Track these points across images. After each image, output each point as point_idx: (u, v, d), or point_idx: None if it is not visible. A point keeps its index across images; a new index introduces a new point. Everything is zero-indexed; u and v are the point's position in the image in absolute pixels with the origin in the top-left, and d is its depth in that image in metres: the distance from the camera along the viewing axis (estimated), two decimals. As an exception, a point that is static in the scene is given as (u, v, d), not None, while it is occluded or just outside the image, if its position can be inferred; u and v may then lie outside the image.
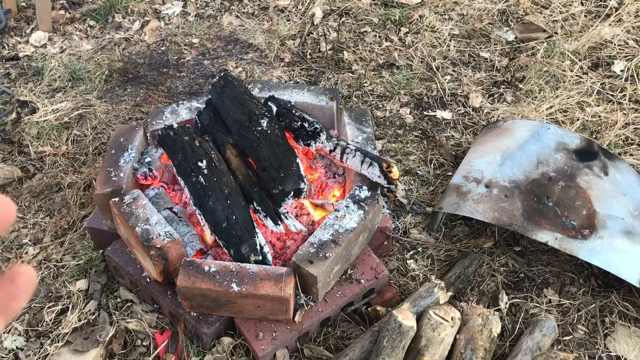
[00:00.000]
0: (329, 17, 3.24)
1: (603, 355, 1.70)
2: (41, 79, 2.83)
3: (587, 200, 1.89)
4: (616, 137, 2.37)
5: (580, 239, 1.77)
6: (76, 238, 2.06)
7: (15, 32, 3.19)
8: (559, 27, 3.02)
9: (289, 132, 1.97)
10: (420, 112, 2.61)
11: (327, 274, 1.63)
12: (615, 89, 2.63)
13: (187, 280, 1.56)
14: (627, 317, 1.79)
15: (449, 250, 2.00)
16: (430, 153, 2.39)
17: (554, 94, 2.61)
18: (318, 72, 2.85)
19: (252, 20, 3.27)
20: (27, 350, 1.74)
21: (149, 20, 3.28)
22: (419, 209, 2.15)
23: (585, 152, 2.06)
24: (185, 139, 1.84)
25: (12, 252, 2.04)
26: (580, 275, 1.92)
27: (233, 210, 1.67)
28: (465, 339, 1.61)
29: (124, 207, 1.72)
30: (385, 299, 1.79)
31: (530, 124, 2.20)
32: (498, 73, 2.82)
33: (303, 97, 2.18)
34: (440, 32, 3.06)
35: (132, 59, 2.99)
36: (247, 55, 2.99)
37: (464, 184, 1.99)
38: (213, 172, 1.74)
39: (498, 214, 1.83)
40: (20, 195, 2.25)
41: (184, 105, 2.16)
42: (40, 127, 2.53)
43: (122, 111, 2.63)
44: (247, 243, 1.63)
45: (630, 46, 2.85)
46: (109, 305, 1.83)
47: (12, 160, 2.41)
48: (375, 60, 2.91)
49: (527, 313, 1.80)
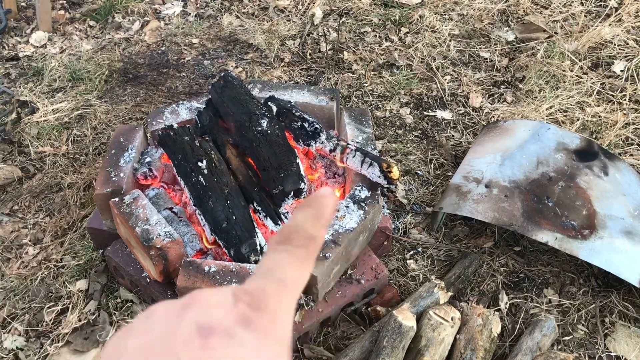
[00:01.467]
0: (329, 17, 3.24)
1: (603, 355, 1.70)
2: (41, 79, 2.83)
3: (587, 200, 1.89)
4: (616, 137, 2.37)
5: (580, 239, 1.77)
6: (76, 238, 2.06)
7: (15, 32, 3.19)
8: (559, 27, 3.02)
9: (289, 132, 1.97)
10: (420, 112, 2.61)
11: (327, 274, 1.63)
12: (615, 89, 2.63)
13: (187, 280, 1.56)
14: (627, 317, 1.79)
15: (449, 250, 2.00)
16: (430, 153, 2.39)
17: (554, 94, 2.61)
18: (318, 72, 2.85)
19: (252, 20, 3.27)
20: (27, 350, 1.74)
21: (149, 20, 3.28)
22: (419, 209, 2.15)
23: (585, 152, 2.06)
24: (185, 139, 1.84)
25: (12, 252, 2.04)
26: (580, 275, 1.92)
27: (233, 210, 1.67)
28: (465, 339, 1.61)
29: (124, 207, 1.72)
30: (385, 299, 1.79)
31: (530, 124, 2.20)
32: (498, 73, 2.82)
33: (303, 97, 2.18)
34: (440, 32, 3.06)
35: (132, 59, 2.99)
36: (247, 55, 2.99)
37: (464, 184, 1.99)
38: (213, 172, 1.74)
39: (498, 214, 1.83)
40: (20, 195, 2.25)
41: (184, 105, 2.16)
42: (40, 127, 2.53)
43: (122, 111, 2.63)
44: (247, 243, 1.63)
45: (630, 46, 2.85)
46: (109, 305, 1.83)
47: (12, 160, 2.41)
48: (375, 60, 2.91)
49: (527, 313, 1.80)
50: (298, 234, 0.42)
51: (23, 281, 1.93)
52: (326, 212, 0.43)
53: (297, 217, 0.43)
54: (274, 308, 0.37)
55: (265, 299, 0.37)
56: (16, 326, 1.80)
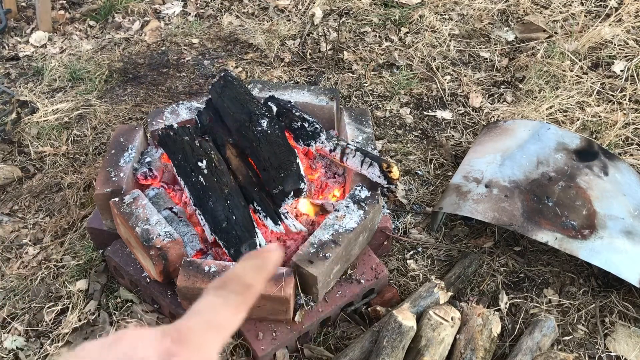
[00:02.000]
0: (329, 17, 3.24)
1: (603, 355, 1.70)
2: (41, 79, 2.83)
3: (587, 200, 1.89)
4: (616, 137, 2.37)
5: (580, 239, 1.77)
6: (76, 238, 2.06)
7: (15, 32, 3.19)
8: (559, 27, 3.02)
9: (289, 132, 1.97)
10: (420, 112, 2.61)
11: (327, 274, 1.63)
12: (615, 89, 2.63)
13: (187, 281, 1.56)
14: (627, 317, 1.79)
15: (449, 250, 2.00)
16: (430, 153, 2.39)
17: (554, 94, 2.61)
18: (318, 72, 2.85)
19: (252, 20, 3.27)
20: (27, 350, 1.74)
21: (149, 20, 3.28)
22: (419, 209, 2.15)
23: (585, 152, 2.06)
24: (185, 139, 1.84)
25: (12, 252, 2.04)
26: (580, 275, 1.92)
27: (233, 210, 1.67)
28: (465, 339, 1.61)
29: (124, 207, 1.72)
30: (385, 299, 1.79)
31: (530, 124, 2.20)
32: (498, 73, 2.82)
33: (303, 97, 2.18)
34: (440, 32, 3.06)
35: (132, 59, 2.99)
36: (247, 55, 2.99)
37: (464, 184, 1.99)
38: (213, 172, 1.74)
39: (498, 214, 1.83)
40: (20, 195, 2.25)
41: (184, 105, 2.16)
42: (40, 127, 2.53)
43: (122, 111, 2.63)
44: (247, 243, 1.63)
45: (630, 46, 2.85)
46: (109, 305, 1.83)
47: (12, 160, 2.41)
48: (375, 60, 2.91)
49: (527, 313, 1.80)
50: (236, 282, 0.45)
51: (23, 281, 1.93)
52: (269, 265, 0.47)
53: (238, 267, 0.47)
54: (198, 343, 0.41)
55: (190, 335, 0.41)
56: (16, 326, 1.80)
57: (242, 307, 0.45)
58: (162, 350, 0.39)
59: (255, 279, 0.46)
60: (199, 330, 0.42)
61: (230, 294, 0.44)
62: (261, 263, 0.47)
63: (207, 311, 0.43)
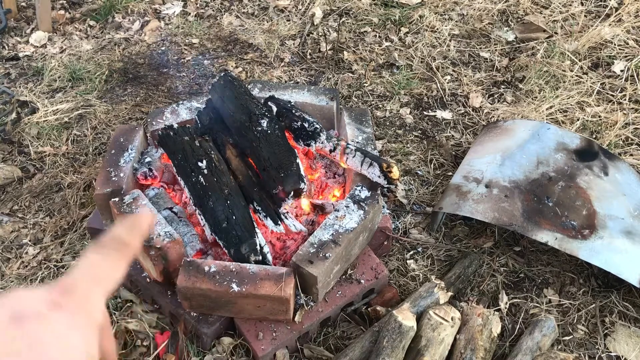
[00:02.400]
0: (329, 17, 3.24)
1: (603, 355, 1.70)
2: (41, 79, 2.83)
3: (587, 200, 1.89)
4: (616, 137, 2.37)
5: (580, 239, 1.77)
6: (76, 238, 2.06)
7: (15, 32, 3.19)
8: (559, 27, 3.02)
9: (289, 132, 1.97)
10: (420, 112, 2.61)
11: (327, 274, 1.63)
12: (615, 89, 2.63)
13: (187, 281, 1.56)
14: (627, 317, 1.79)
15: (449, 250, 2.00)
16: (430, 153, 2.39)
17: (554, 94, 2.61)
18: (318, 72, 2.85)
19: (252, 20, 3.27)
20: (27, 350, 1.74)
21: (149, 20, 3.28)
22: (419, 209, 2.15)
23: (585, 152, 2.06)
24: (185, 139, 1.84)
25: (12, 252, 2.04)
26: (580, 275, 1.92)
27: (233, 210, 1.67)
28: (465, 339, 1.61)
29: (124, 207, 1.72)
30: (385, 299, 1.79)
31: (530, 124, 2.20)
32: (498, 73, 2.82)
33: (303, 97, 2.18)
34: (440, 32, 3.06)
35: (132, 59, 2.99)
36: (247, 55, 2.99)
37: (464, 184, 1.99)
38: (213, 172, 1.74)
39: (498, 214, 1.83)
40: (20, 195, 2.25)
41: (184, 105, 2.16)
42: (40, 127, 2.53)
43: (122, 111, 2.63)
44: (247, 243, 1.63)
45: (630, 46, 2.85)
46: (109, 305, 1.83)
47: (12, 160, 2.41)
48: (375, 60, 2.91)
49: (527, 313, 1.80)
50: (113, 240, 0.50)
51: (23, 281, 1.93)
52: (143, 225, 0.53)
53: (115, 229, 0.52)
54: (83, 295, 0.44)
55: (74, 286, 0.44)
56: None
57: (122, 262, 0.49)
58: (49, 302, 0.42)
59: (131, 238, 0.51)
60: (83, 283, 0.45)
61: (110, 250, 0.49)
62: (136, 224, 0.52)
63: (89, 267, 0.47)
